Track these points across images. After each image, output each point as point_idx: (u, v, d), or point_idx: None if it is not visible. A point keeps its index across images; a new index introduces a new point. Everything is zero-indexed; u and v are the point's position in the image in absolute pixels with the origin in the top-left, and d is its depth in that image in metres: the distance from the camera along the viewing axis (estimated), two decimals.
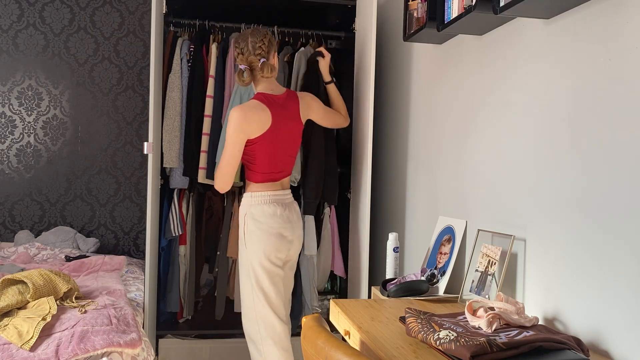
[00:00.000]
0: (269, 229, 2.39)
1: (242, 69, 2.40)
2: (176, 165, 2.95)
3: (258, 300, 2.40)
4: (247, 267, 2.42)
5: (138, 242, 3.93)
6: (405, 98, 2.78)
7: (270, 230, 2.39)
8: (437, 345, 1.32)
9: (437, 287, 2.04)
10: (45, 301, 2.13)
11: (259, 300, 2.40)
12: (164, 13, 2.83)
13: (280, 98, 2.45)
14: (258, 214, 2.40)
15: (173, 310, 3.03)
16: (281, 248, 2.42)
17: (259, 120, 2.36)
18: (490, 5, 1.63)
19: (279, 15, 3.17)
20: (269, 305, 2.39)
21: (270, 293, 2.39)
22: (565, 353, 1.26)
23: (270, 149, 2.41)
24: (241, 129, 2.33)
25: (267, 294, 2.39)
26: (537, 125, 1.67)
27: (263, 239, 2.38)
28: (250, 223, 2.40)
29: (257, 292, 2.40)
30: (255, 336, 2.43)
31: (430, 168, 2.45)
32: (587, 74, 1.46)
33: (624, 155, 1.32)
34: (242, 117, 2.33)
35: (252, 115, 2.35)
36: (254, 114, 2.36)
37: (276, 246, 2.40)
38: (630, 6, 1.31)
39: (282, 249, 2.42)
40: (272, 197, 2.42)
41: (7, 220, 3.77)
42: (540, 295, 1.63)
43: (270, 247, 2.39)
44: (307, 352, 1.21)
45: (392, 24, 3.01)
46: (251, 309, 2.42)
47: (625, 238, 1.31)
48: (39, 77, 3.79)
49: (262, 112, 2.37)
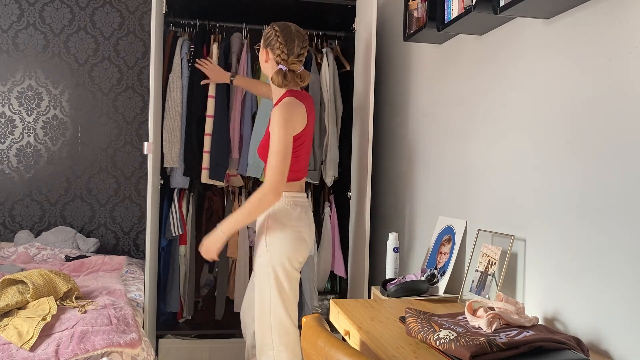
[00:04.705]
0: (294, 232, 2.28)
1: (284, 70, 2.29)
2: (177, 165, 2.95)
3: (276, 305, 2.28)
4: (267, 271, 2.28)
5: (138, 242, 3.93)
6: (405, 98, 2.78)
7: (294, 234, 2.28)
8: (437, 345, 1.32)
9: (437, 287, 2.04)
10: (45, 301, 2.13)
11: (276, 305, 2.28)
12: (164, 13, 2.83)
13: (305, 94, 2.37)
14: (283, 216, 2.29)
15: (173, 310, 3.03)
16: (303, 252, 2.32)
17: (301, 115, 2.26)
18: (490, 5, 1.63)
19: (279, 15, 3.17)
20: (286, 310, 2.28)
21: (289, 298, 2.29)
22: (565, 353, 1.26)
23: (302, 147, 2.33)
24: (291, 127, 2.22)
25: (286, 299, 2.28)
26: (537, 125, 1.67)
27: (287, 242, 2.27)
28: (275, 225, 2.28)
29: (275, 297, 2.27)
30: (267, 343, 2.31)
31: (430, 168, 2.45)
32: (587, 74, 1.46)
33: (624, 155, 1.32)
34: (290, 114, 2.21)
35: (297, 109, 2.24)
36: (299, 108, 2.25)
37: (299, 250, 2.30)
38: (630, 6, 1.31)
39: (303, 252, 2.33)
40: (295, 199, 2.33)
41: (7, 220, 3.77)
42: (540, 295, 1.63)
43: (294, 251, 2.28)
44: (307, 352, 1.21)
45: (392, 24, 3.01)
46: (267, 314, 2.29)
47: (625, 238, 1.31)
48: (39, 77, 3.79)
49: (301, 107, 2.26)
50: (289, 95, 2.28)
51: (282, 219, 2.28)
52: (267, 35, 2.32)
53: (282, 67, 2.29)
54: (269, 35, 2.31)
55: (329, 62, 3.07)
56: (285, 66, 2.29)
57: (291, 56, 2.29)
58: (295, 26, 2.34)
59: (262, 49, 2.35)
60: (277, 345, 2.29)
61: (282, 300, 2.27)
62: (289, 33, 2.29)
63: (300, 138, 2.28)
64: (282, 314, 2.27)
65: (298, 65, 2.31)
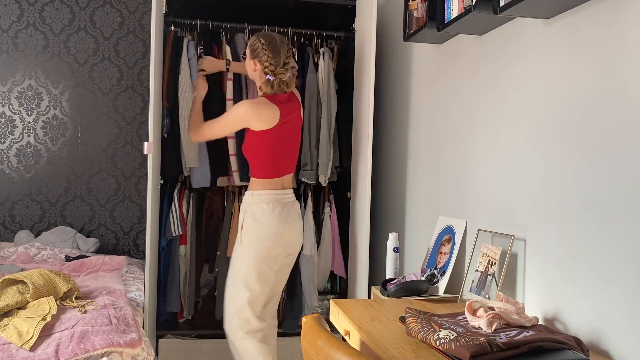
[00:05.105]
0: (267, 228, 2.42)
1: (272, 80, 2.44)
2: (197, 165, 2.97)
3: (241, 295, 2.45)
4: (238, 263, 2.47)
5: (138, 242, 3.93)
6: (405, 98, 2.78)
7: (268, 230, 2.42)
8: (437, 345, 1.32)
9: (437, 287, 2.04)
10: (45, 301, 2.12)
11: (241, 297, 2.45)
12: (164, 13, 2.83)
13: (285, 97, 2.49)
14: (258, 213, 2.44)
15: (173, 310, 3.03)
16: (277, 248, 2.45)
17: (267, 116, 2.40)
18: (490, 5, 1.63)
19: (279, 15, 3.17)
20: (249, 303, 2.44)
21: (255, 292, 2.44)
22: (565, 353, 1.26)
23: (278, 144, 2.45)
24: (244, 120, 2.41)
25: (252, 292, 2.44)
26: (537, 125, 1.67)
27: (260, 238, 2.42)
28: (250, 221, 2.44)
29: (241, 288, 2.44)
30: (232, 331, 2.48)
31: (430, 168, 2.45)
32: (587, 74, 1.46)
33: (624, 155, 1.32)
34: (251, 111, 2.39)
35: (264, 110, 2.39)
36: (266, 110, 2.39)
37: (273, 246, 2.44)
38: (630, 6, 1.31)
39: (278, 248, 2.46)
40: (271, 196, 2.45)
41: (7, 220, 3.77)
42: (540, 295, 1.63)
43: (266, 247, 2.43)
44: (307, 352, 1.21)
45: (392, 24, 3.01)
46: (231, 303, 2.48)
47: (625, 238, 1.31)
48: (39, 77, 3.79)
49: (270, 109, 2.40)
50: (263, 96, 2.44)
51: (258, 215, 2.43)
52: (254, 47, 2.47)
53: (270, 78, 2.44)
54: (256, 47, 2.46)
55: (325, 61, 3.07)
56: (272, 76, 2.44)
57: (278, 67, 2.44)
58: (279, 36, 2.49)
59: (250, 60, 2.50)
60: (239, 330, 2.46)
61: (247, 293, 2.43)
62: (274, 45, 2.44)
63: (270, 135, 2.42)
64: (245, 305, 2.44)
65: (284, 73, 2.46)
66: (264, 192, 2.45)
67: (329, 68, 3.10)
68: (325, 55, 3.09)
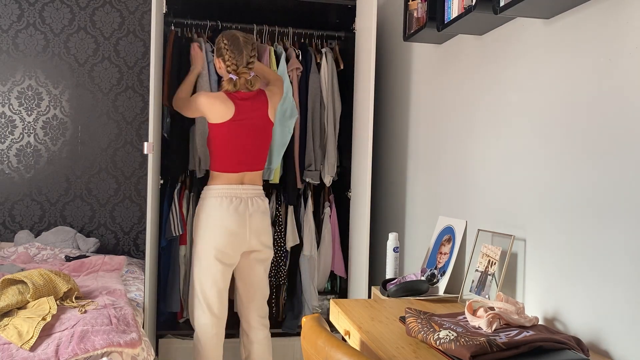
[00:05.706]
0: (214, 222, 2.49)
1: (234, 79, 2.52)
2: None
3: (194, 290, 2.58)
4: (193, 257, 2.60)
5: (138, 242, 3.93)
6: (405, 98, 2.78)
7: (214, 223, 2.49)
8: (437, 345, 1.32)
9: (437, 287, 2.04)
10: (45, 301, 2.12)
11: (194, 291, 2.58)
12: (164, 13, 2.83)
13: (247, 95, 2.55)
14: (206, 206, 2.52)
15: (173, 310, 3.03)
16: (227, 244, 2.50)
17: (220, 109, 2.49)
18: (490, 5, 1.63)
19: (279, 15, 3.17)
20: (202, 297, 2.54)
21: (204, 286, 2.53)
22: (565, 353, 1.26)
23: (227, 141, 2.52)
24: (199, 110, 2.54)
25: (202, 286, 2.54)
26: (536, 125, 1.67)
27: (208, 232, 2.50)
28: (201, 215, 2.54)
29: (192, 280, 2.59)
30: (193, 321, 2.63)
31: (430, 168, 2.45)
32: (587, 74, 1.46)
33: (624, 155, 1.32)
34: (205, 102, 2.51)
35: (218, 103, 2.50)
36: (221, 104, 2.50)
37: (222, 241, 2.49)
38: (630, 6, 1.31)
39: (228, 244, 2.50)
40: (219, 190, 2.52)
41: (7, 220, 3.77)
42: (540, 295, 1.63)
43: (214, 242, 2.49)
44: (307, 352, 1.21)
45: (392, 24, 3.01)
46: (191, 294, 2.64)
47: (625, 237, 1.31)
48: (39, 77, 3.79)
49: (225, 104, 2.49)
50: (223, 92, 2.55)
51: (205, 208, 2.54)
52: (218, 46, 2.56)
53: (233, 77, 2.52)
54: (220, 46, 2.55)
55: (327, 62, 3.07)
56: (235, 75, 2.51)
57: (240, 66, 2.51)
58: (243, 35, 2.55)
59: (215, 58, 2.59)
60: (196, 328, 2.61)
61: (198, 288, 2.56)
62: (237, 45, 2.51)
63: (223, 128, 2.50)
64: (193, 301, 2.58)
65: (248, 73, 2.53)
66: (215, 187, 2.53)
67: (332, 68, 3.09)
68: (327, 56, 3.08)
